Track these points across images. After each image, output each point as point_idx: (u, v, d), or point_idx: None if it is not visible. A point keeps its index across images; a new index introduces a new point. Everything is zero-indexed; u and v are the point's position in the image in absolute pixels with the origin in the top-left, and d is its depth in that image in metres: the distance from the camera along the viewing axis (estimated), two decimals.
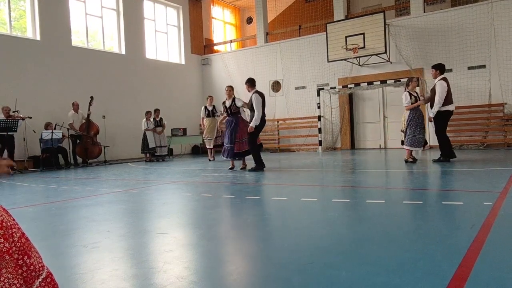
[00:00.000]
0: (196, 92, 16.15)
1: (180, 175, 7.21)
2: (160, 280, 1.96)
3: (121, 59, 13.18)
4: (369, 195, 4.24)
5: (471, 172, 5.68)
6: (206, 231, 3.02)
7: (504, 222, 2.77)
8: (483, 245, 2.24)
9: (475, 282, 1.73)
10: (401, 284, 1.75)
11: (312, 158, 9.94)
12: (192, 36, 15.99)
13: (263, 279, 1.97)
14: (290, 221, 3.25)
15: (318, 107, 12.66)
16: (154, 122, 11.73)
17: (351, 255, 2.24)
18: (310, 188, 5.15)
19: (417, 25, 11.68)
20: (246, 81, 7.26)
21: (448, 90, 7.05)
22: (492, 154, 8.51)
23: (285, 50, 14.14)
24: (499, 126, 10.68)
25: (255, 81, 7.29)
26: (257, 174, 6.68)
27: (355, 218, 3.26)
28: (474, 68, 10.92)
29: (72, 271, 2.17)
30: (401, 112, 12.32)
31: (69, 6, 11.70)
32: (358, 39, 11.58)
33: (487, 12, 10.71)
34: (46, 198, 5.11)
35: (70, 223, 3.50)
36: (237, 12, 18.54)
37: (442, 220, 2.94)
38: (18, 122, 9.02)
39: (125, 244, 2.74)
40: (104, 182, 6.66)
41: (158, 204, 4.28)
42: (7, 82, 10.16)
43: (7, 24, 10.62)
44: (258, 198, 4.46)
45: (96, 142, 10.96)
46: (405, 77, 11.35)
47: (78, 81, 11.79)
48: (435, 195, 4.09)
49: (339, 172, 6.66)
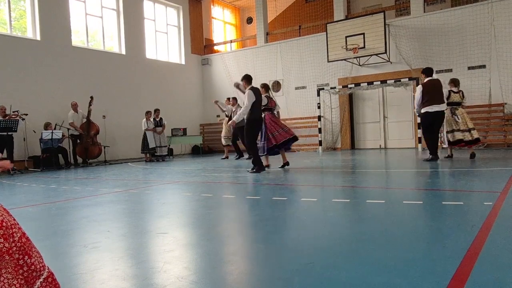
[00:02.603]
0: (196, 92, 16.16)
1: (180, 175, 7.21)
2: (160, 280, 1.96)
3: (121, 59, 13.18)
4: (369, 195, 4.24)
5: (471, 172, 5.68)
6: (206, 231, 3.02)
7: (504, 222, 2.77)
8: (483, 245, 2.24)
9: (475, 282, 1.73)
10: (401, 284, 1.75)
11: (312, 158, 9.94)
12: (192, 36, 15.99)
13: (263, 279, 1.97)
14: (290, 221, 3.25)
15: (318, 107, 12.66)
16: (154, 122, 11.73)
17: (351, 255, 2.24)
18: (310, 188, 5.15)
19: (417, 25, 11.68)
20: (242, 78, 7.01)
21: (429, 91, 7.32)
22: (492, 154, 8.51)
23: (285, 50, 14.14)
24: (499, 126, 10.68)
25: (251, 78, 7.05)
26: (257, 174, 6.67)
27: (355, 218, 3.26)
28: (474, 68, 10.92)
29: (72, 271, 2.17)
30: (401, 112, 12.35)
31: (69, 6, 11.71)
32: (358, 39, 11.58)
33: (487, 12, 10.71)
34: (46, 198, 5.11)
35: (70, 223, 3.49)
36: (237, 12, 18.54)
37: (442, 220, 2.94)
38: (17, 122, 9.03)
39: (125, 244, 2.74)
40: (104, 182, 6.66)
41: (158, 204, 4.28)
42: (7, 82, 10.16)
43: (7, 24, 10.62)
44: (258, 198, 4.46)
45: (96, 142, 10.96)
46: (405, 77, 11.38)
47: (78, 81, 11.79)
48: (435, 195, 4.09)
49: (339, 172, 6.66)
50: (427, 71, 7.60)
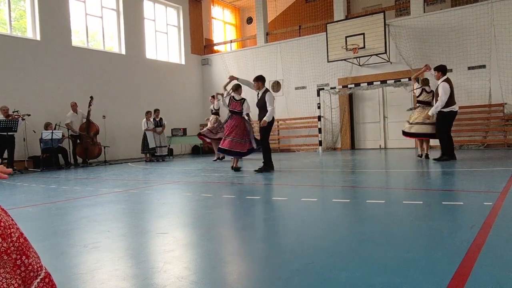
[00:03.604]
0: (196, 92, 16.15)
1: (180, 175, 7.21)
2: (160, 280, 1.96)
3: (121, 59, 13.18)
4: (369, 195, 4.23)
5: (471, 172, 5.67)
6: (206, 231, 3.02)
7: (504, 222, 2.77)
8: (483, 245, 2.24)
9: (475, 282, 1.73)
10: (401, 284, 1.75)
11: (312, 158, 9.94)
12: (192, 36, 15.99)
13: (263, 279, 1.97)
14: (290, 221, 3.25)
15: (318, 107, 12.66)
16: (154, 122, 11.73)
17: (351, 255, 2.24)
18: (310, 188, 5.15)
19: (417, 25, 11.67)
20: (259, 79, 7.02)
21: (452, 91, 7.15)
22: (492, 154, 8.51)
23: (285, 50, 14.14)
24: (499, 126, 10.67)
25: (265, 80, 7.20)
26: (257, 174, 6.67)
27: (355, 218, 3.26)
28: (474, 68, 10.92)
29: (72, 271, 2.17)
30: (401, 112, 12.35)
31: (69, 6, 11.70)
32: (358, 39, 11.58)
33: (487, 12, 10.71)
34: (46, 198, 5.10)
35: (70, 223, 3.49)
36: (237, 12, 18.54)
37: (442, 220, 2.94)
38: (18, 122, 9.02)
39: (125, 244, 2.74)
40: (104, 182, 6.66)
41: (158, 204, 4.27)
42: (7, 82, 10.16)
43: (7, 24, 10.62)
44: (258, 198, 4.46)
45: (96, 142, 10.96)
46: (405, 77, 11.37)
47: (78, 81, 11.79)
48: (435, 195, 4.09)
49: (339, 172, 6.65)
50: (443, 68, 7.35)
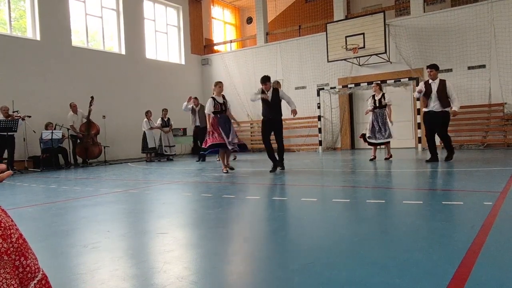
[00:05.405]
0: (196, 92, 16.09)
1: (180, 175, 7.21)
2: (160, 280, 1.96)
3: (121, 59, 13.18)
4: (369, 195, 4.24)
5: (471, 172, 5.67)
6: (206, 231, 3.02)
7: (504, 222, 2.77)
8: (483, 245, 2.24)
9: (475, 282, 1.73)
10: (401, 284, 1.75)
11: (312, 158, 9.94)
12: (192, 36, 15.99)
13: (263, 279, 1.97)
14: (290, 221, 3.25)
15: (318, 107, 12.66)
16: (162, 122, 11.77)
17: (351, 255, 2.24)
18: (310, 188, 5.15)
19: (417, 25, 11.67)
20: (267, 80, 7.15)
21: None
22: (492, 154, 8.51)
23: (285, 50, 14.14)
24: (499, 126, 10.67)
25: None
26: (256, 174, 6.67)
27: (355, 218, 3.26)
28: (474, 68, 10.92)
29: (72, 271, 2.17)
30: (400, 112, 12.34)
31: (69, 6, 11.71)
32: (358, 39, 11.58)
33: (487, 12, 10.71)
34: (46, 198, 5.11)
35: (70, 223, 3.49)
36: (237, 12, 18.54)
37: (442, 220, 2.94)
38: (18, 122, 9.02)
39: (125, 244, 2.74)
40: (104, 182, 6.66)
41: (158, 204, 4.27)
42: (7, 82, 10.15)
43: (7, 24, 10.62)
44: (258, 198, 4.46)
45: (96, 142, 10.96)
46: (405, 77, 11.37)
47: (78, 81, 11.79)
48: (435, 195, 4.09)
49: (339, 172, 6.66)
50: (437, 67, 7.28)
